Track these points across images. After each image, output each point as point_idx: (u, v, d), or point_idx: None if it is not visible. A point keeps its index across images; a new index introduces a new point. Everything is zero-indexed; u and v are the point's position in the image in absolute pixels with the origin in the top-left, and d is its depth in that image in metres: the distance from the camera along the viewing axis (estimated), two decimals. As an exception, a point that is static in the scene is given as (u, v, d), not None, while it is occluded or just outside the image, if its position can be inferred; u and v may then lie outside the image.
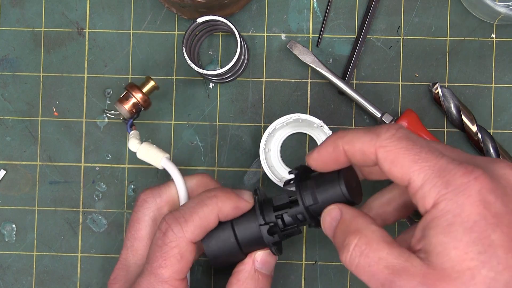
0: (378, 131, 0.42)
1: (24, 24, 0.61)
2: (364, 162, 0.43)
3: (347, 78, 0.59)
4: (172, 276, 0.47)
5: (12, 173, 0.61)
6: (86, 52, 0.61)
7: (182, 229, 0.46)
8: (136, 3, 0.61)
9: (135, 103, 0.55)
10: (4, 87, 0.61)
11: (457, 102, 0.58)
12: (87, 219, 0.61)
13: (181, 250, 0.46)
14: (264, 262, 0.48)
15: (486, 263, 0.37)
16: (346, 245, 0.41)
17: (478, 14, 0.59)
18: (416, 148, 0.40)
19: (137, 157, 0.54)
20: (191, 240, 0.47)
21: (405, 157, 0.40)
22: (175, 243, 0.46)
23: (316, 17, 0.60)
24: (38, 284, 0.61)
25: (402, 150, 0.40)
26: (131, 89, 0.55)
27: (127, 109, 0.55)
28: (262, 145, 0.57)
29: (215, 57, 0.61)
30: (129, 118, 0.55)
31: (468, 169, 0.39)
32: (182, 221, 0.47)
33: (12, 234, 0.61)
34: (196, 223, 0.47)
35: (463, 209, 0.38)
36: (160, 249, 0.47)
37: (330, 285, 0.60)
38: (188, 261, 0.47)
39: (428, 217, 0.39)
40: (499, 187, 0.39)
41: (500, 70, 0.60)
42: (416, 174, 0.39)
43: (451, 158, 0.40)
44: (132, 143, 0.54)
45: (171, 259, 0.46)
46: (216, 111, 0.61)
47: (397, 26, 0.60)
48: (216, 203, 0.47)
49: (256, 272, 0.48)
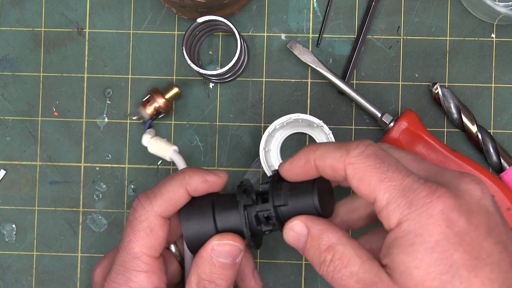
0: (348, 147, 0.42)
1: (24, 24, 0.61)
2: (334, 177, 0.44)
3: (347, 78, 0.59)
4: (142, 251, 0.47)
5: (12, 173, 0.61)
6: (86, 52, 0.61)
7: (151, 203, 0.48)
8: (136, 3, 0.61)
9: (156, 107, 0.58)
10: (4, 87, 0.61)
11: (457, 102, 0.58)
12: (87, 219, 0.61)
13: (150, 224, 0.47)
14: (220, 252, 0.48)
15: (447, 283, 0.38)
16: (323, 261, 0.43)
17: (478, 14, 0.59)
18: (384, 166, 0.41)
19: (149, 151, 0.55)
20: (160, 214, 0.48)
21: (372, 176, 0.41)
22: (144, 217, 0.48)
23: (316, 17, 0.60)
24: (38, 284, 0.61)
25: (370, 168, 0.41)
26: (155, 94, 0.58)
27: (148, 113, 0.58)
28: (262, 145, 0.57)
29: (215, 57, 0.61)
30: (149, 119, 0.58)
31: (432, 189, 0.40)
32: (152, 196, 0.48)
33: (12, 234, 0.61)
34: (165, 197, 0.48)
35: (425, 229, 0.39)
36: (131, 224, 0.48)
37: (330, 285, 0.59)
38: (158, 236, 0.48)
39: (392, 236, 0.40)
40: (463, 204, 0.40)
41: (500, 70, 0.60)
42: (382, 194, 0.40)
43: (417, 177, 0.41)
44: (145, 138, 0.56)
45: (141, 233, 0.47)
46: (216, 111, 0.61)
47: (397, 26, 0.60)
48: (183, 177, 0.49)
49: (213, 259, 0.48)
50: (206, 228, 0.48)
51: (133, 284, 0.47)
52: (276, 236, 0.60)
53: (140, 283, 0.47)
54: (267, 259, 0.60)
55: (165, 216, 0.48)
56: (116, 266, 0.48)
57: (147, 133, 0.56)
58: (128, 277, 0.47)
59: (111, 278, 0.48)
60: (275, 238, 0.60)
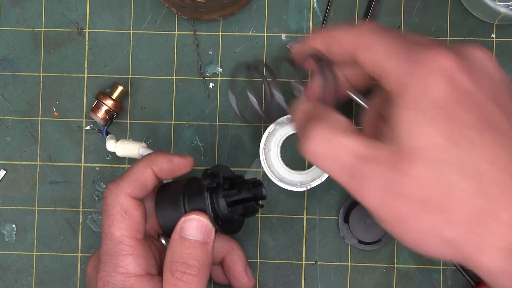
0: (353, 26, 0.43)
1: (24, 24, 0.61)
2: (339, 54, 0.43)
3: (347, 78, 0.59)
4: (123, 234, 0.47)
5: (12, 173, 0.61)
6: (86, 52, 0.61)
7: (118, 186, 0.48)
8: (136, 3, 0.61)
9: (107, 110, 0.58)
10: (4, 87, 0.61)
11: (457, 102, 0.58)
12: (87, 219, 0.61)
13: (123, 205, 0.48)
14: (188, 227, 0.47)
15: (456, 142, 0.36)
16: (307, 131, 0.40)
17: (478, 14, 0.59)
18: (387, 37, 0.41)
19: (118, 155, 0.56)
20: (129, 194, 0.48)
21: (379, 45, 0.40)
22: (116, 201, 0.48)
23: (316, 17, 0.60)
24: (38, 284, 0.61)
25: (375, 38, 0.41)
26: (101, 97, 0.58)
27: (101, 117, 0.58)
28: (262, 145, 0.57)
29: (215, 57, 0.61)
30: (104, 125, 0.58)
31: (438, 50, 0.38)
32: (118, 180, 0.49)
33: (12, 234, 0.61)
34: (131, 178, 0.48)
35: (433, 86, 0.37)
36: (105, 211, 0.48)
37: (330, 285, 0.60)
38: (135, 216, 0.48)
39: (396, 98, 0.38)
40: (466, 65, 0.38)
41: (500, 70, 0.60)
42: (388, 58, 0.39)
43: (423, 44, 0.40)
44: (109, 144, 0.56)
45: (116, 216, 0.48)
46: (216, 111, 0.61)
47: (397, 26, 0.60)
48: (149, 158, 0.49)
49: (182, 238, 0.47)
50: (178, 212, 0.49)
51: (121, 268, 0.47)
52: (276, 236, 0.60)
53: (128, 267, 0.47)
54: (267, 259, 0.60)
55: (135, 196, 0.48)
56: (103, 255, 0.48)
57: (109, 138, 0.57)
58: (116, 263, 0.47)
59: (101, 268, 0.48)
60: (274, 238, 0.60)
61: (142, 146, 0.55)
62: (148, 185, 0.49)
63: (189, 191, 0.50)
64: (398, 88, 0.38)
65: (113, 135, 0.58)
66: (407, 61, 0.39)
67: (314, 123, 0.40)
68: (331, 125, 0.40)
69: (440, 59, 0.38)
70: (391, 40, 0.41)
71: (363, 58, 0.41)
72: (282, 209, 0.60)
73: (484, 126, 0.37)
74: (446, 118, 0.37)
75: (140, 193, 0.49)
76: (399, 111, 0.38)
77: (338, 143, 0.39)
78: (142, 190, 0.49)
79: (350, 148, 0.38)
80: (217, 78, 0.61)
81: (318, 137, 0.39)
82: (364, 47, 0.41)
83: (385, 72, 0.40)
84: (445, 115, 0.37)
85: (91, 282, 0.51)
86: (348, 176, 0.38)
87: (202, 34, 0.61)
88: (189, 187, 0.50)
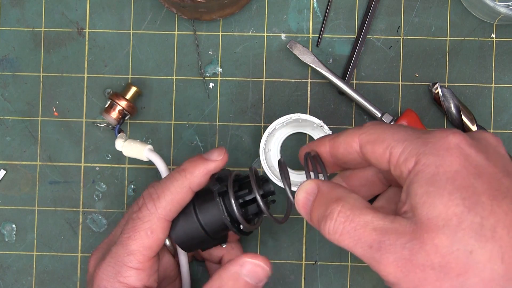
0: (358, 127, 0.44)
1: (24, 24, 0.61)
2: (349, 154, 0.44)
3: (347, 78, 0.59)
4: (139, 250, 0.47)
5: (12, 173, 0.61)
6: (86, 52, 0.61)
7: (155, 205, 0.48)
8: (136, 3, 0.61)
9: (120, 111, 0.58)
10: (4, 87, 0.61)
11: (457, 102, 0.58)
12: (87, 219, 0.61)
13: (152, 225, 0.48)
14: (251, 271, 0.48)
15: (471, 209, 0.37)
16: (330, 213, 0.40)
17: (478, 14, 0.59)
18: (394, 128, 0.42)
19: (124, 155, 0.55)
20: (163, 217, 0.48)
21: (385, 135, 0.42)
22: (148, 218, 0.48)
23: (316, 17, 0.60)
24: (38, 284, 0.61)
25: (381, 130, 0.42)
26: (115, 98, 0.58)
27: (114, 118, 0.58)
28: (262, 145, 0.57)
29: (215, 57, 0.61)
30: (116, 124, 0.58)
31: (447, 131, 0.40)
32: (155, 197, 0.48)
33: (12, 234, 0.61)
34: (168, 199, 0.48)
35: (444, 161, 0.38)
36: (133, 222, 0.48)
37: (330, 285, 0.60)
38: (158, 238, 0.48)
39: (411, 176, 0.39)
40: (479, 145, 0.40)
41: (500, 70, 0.60)
42: (397, 144, 0.40)
43: (429, 131, 0.41)
44: (118, 143, 0.56)
45: (141, 232, 0.48)
46: (216, 111, 0.61)
47: (397, 26, 0.60)
48: (185, 176, 0.49)
49: (239, 277, 0.47)
50: (191, 225, 0.49)
51: (122, 278, 0.47)
52: (276, 236, 0.60)
53: (129, 279, 0.47)
54: (267, 259, 0.60)
55: (168, 219, 0.48)
56: (109, 258, 0.48)
57: (119, 137, 0.56)
58: (118, 270, 0.47)
59: (101, 269, 0.48)
60: (274, 238, 0.60)
61: (148, 148, 0.55)
62: (184, 203, 0.49)
63: (198, 200, 0.49)
64: (412, 166, 0.39)
65: (123, 135, 0.57)
66: (417, 143, 0.40)
67: (336, 204, 0.41)
68: (351, 204, 0.40)
69: (451, 137, 0.39)
70: (398, 129, 0.42)
71: (371, 151, 0.42)
72: (282, 209, 0.60)
73: (498, 194, 0.38)
74: (460, 189, 0.38)
75: (174, 214, 0.49)
76: (415, 187, 0.39)
77: (360, 220, 0.40)
78: (176, 211, 0.49)
79: (371, 223, 0.39)
80: (217, 78, 0.61)
81: (341, 217, 0.40)
82: (372, 140, 0.42)
83: (395, 156, 0.41)
84: (459, 186, 0.38)
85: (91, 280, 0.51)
86: (367, 248, 0.39)
87: (202, 34, 0.61)
88: (197, 196, 0.49)
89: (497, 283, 0.36)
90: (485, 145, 0.41)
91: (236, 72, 0.60)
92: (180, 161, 0.60)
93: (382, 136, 0.42)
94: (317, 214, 0.42)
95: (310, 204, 0.43)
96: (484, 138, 0.41)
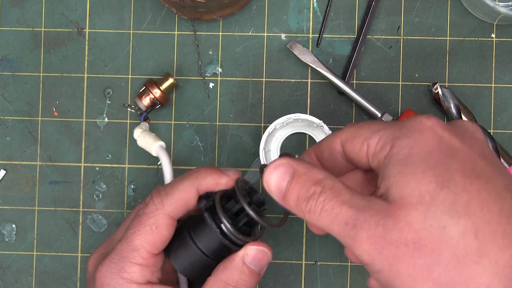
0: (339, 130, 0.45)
1: (24, 24, 0.61)
2: (331, 155, 0.45)
3: (347, 78, 0.59)
4: (143, 245, 0.47)
5: (12, 173, 0.61)
6: (86, 52, 0.61)
7: (161, 201, 0.48)
8: (136, 3, 0.61)
9: (152, 99, 0.58)
10: (4, 87, 0.61)
11: (457, 102, 0.58)
12: (87, 219, 0.61)
13: (157, 221, 0.48)
14: (255, 257, 0.48)
15: (444, 186, 0.37)
16: (312, 194, 0.41)
17: (478, 14, 0.59)
18: (371, 122, 0.43)
19: (138, 144, 0.56)
20: (169, 214, 0.48)
21: (362, 130, 0.42)
22: (153, 213, 0.48)
23: (316, 17, 0.60)
24: (38, 284, 0.61)
25: (359, 127, 0.43)
26: (150, 85, 0.58)
27: (144, 105, 0.58)
28: (262, 145, 0.57)
29: (215, 57, 0.61)
30: (144, 111, 0.59)
31: (421, 115, 0.40)
32: (163, 194, 0.48)
33: (12, 234, 0.61)
34: (175, 197, 0.48)
35: (418, 142, 0.39)
36: (139, 217, 0.48)
37: (330, 285, 0.60)
38: (162, 235, 0.48)
39: (386, 160, 0.40)
40: (455, 129, 0.40)
41: (500, 70, 0.60)
42: (373, 135, 0.41)
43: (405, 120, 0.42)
44: (136, 131, 0.56)
45: (146, 227, 0.48)
46: (216, 111, 0.61)
47: (397, 26, 0.60)
48: (195, 177, 0.49)
49: (244, 265, 0.48)
50: (192, 252, 0.48)
51: (125, 274, 0.47)
52: (276, 236, 0.60)
53: (132, 275, 0.47)
54: (267, 259, 0.60)
55: (174, 216, 0.48)
56: (112, 254, 0.48)
57: (139, 126, 0.57)
58: (122, 266, 0.47)
59: (104, 265, 0.48)
60: (274, 238, 0.60)
61: (159, 144, 0.55)
62: (190, 205, 0.49)
63: (191, 225, 0.49)
64: (387, 151, 0.40)
65: (146, 124, 0.58)
66: (392, 130, 0.41)
67: (317, 186, 0.41)
68: (330, 185, 0.41)
69: (425, 120, 0.40)
70: (374, 122, 0.43)
71: (350, 147, 0.43)
72: (282, 209, 0.60)
73: (472, 173, 0.38)
74: (433, 168, 0.38)
75: (179, 213, 0.49)
76: (390, 169, 0.39)
77: (338, 200, 0.40)
78: (182, 210, 0.49)
79: (348, 203, 0.40)
80: (217, 78, 0.61)
81: (321, 198, 0.41)
82: (351, 137, 0.43)
83: (372, 146, 0.41)
84: (432, 165, 0.38)
85: (91, 279, 0.51)
86: (343, 225, 0.39)
87: (202, 34, 0.61)
88: (191, 221, 0.49)
89: (470, 258, 0.36)
90: (462, 130, 0.41)
91: (236, 72, 0.61)
92: (180, 161, 0.60)
93: (359, 131, 0.42)
94: (296, 195, 0.42)
95: (284, 186, 0.42)
96: (462, 125, 0.42)
